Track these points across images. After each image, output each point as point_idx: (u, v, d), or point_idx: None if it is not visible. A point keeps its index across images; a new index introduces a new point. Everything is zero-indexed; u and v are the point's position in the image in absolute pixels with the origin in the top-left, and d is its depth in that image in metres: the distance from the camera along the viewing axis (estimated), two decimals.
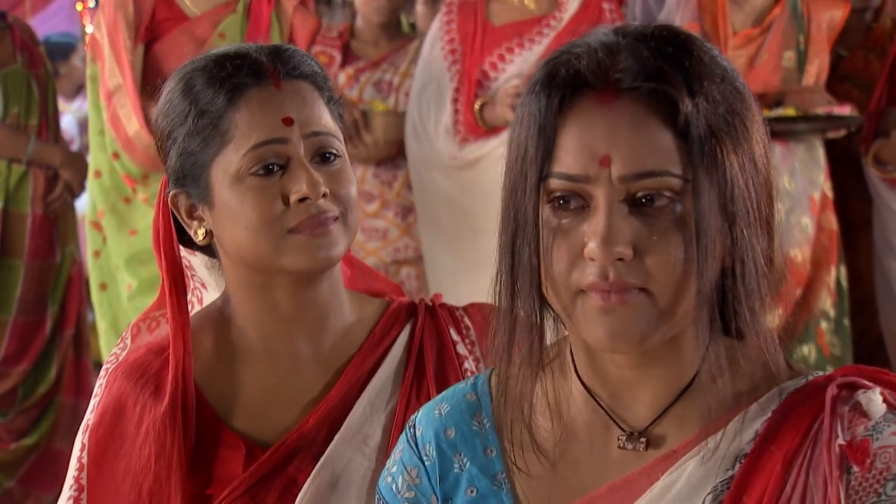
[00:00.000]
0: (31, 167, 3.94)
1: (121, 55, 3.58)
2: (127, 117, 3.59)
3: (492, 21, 3.78)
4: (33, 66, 4.00)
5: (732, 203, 1.10)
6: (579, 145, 1.09)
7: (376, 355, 1.59)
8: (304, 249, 1.49)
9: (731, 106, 1.10)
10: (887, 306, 4.03)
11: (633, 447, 1.17)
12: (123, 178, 3.68)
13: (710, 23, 3.71)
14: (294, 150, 1.49)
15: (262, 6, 3.76)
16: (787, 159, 3.74)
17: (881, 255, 4.01)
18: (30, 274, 3.95)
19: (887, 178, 3.90)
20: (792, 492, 1.09)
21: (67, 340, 4.06)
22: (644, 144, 1.08)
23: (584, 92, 1.10)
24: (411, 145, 3.81)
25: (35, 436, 3.99)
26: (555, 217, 1.11)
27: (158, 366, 1.56)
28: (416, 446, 1.29)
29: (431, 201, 3.79)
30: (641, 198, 1.09)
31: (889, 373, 1.15)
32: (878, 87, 3.94)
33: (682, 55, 1.09)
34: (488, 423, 1.27)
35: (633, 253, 1.08)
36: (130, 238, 3.65)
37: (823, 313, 3.81)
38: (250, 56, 1.51)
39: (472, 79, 3.71)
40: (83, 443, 1.56)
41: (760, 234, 1.13)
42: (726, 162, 1.09)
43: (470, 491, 1.25)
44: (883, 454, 1.08)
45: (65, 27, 7.44)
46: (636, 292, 1.09)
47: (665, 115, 1.08)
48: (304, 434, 1.53)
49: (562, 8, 3.75)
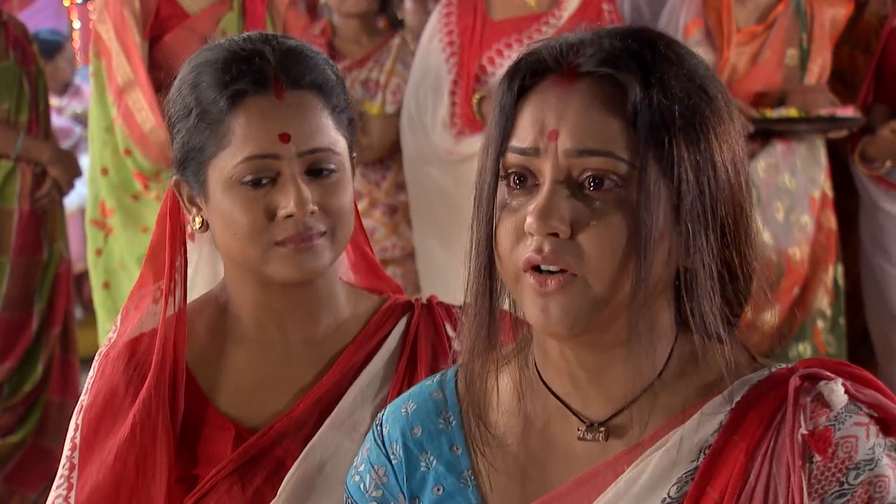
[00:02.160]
0: (20, 163, 3.93)
1: (132, 51, 3.59)
2: (141, 113, 3.60)
3: (491, 16, 3.80)
4: (25, 62, 4.00)
5: (679, 199, 1.11)
6: (532, 120, 1.14)
7: (370, 346, 1.60)
8: (288, 261, 1.50)
9: (692, 104, 1.12)
10: (873, 302, 4.07)
11: (593, 437, 1.18)
12: (134, 174, 3.69)
13: (714, 19, 3.73)
14: (286, 167, 1.49)
15: (255, 4, 3.78)
16: (788, 158, 3.77)
17: (868, 251, 4.04)
18: (16, 270, 3.94)
19: (873, 174, 3.94)
20: (756, 481, 1.11)
21: (54, 338, 4.05)
22: (593, 124, 1.11)
23: (545, 76, 1.15)
24: (407, 138, 3.82)
25: (20, 433, 3.97)
26: (509, 196, 1.15)
27: (151, 349, 1.57)
28: (382, 445, 1.30)
29: (426, 195, 3.80)
30: (588, 180, 1.11)
31: (851, 365, 1.17)
32: (865, 84, 3.98)
33: (645, 49, 1.13)
34: (454, 421, 1.27)
35: (570, 231, 1.10)
36: (141, 235, 3.65)
37: (820, 312, 3.84)
38: (258, 61, 1.50)
39: (471, 72, 3.73)
40: (77, 423, 1.58)
41: (714, 237, 1.13)
42: (675, 156, 1.11)
43: (437, 489, 1.25)
44: (845, 444, 1.10)
45: (52, 23, 7.43)
46: (571, 278, 1.11)
47: (618, 102, 1.11)
48: (293, 418, 1.55)
49: (561, 6, 3.78)
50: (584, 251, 1.10)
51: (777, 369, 1.17)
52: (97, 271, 3.79)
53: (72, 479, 1.55)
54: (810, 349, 3.78)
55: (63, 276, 4.08)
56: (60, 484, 1.56)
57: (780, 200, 3.74)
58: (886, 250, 3.96)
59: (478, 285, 1.18)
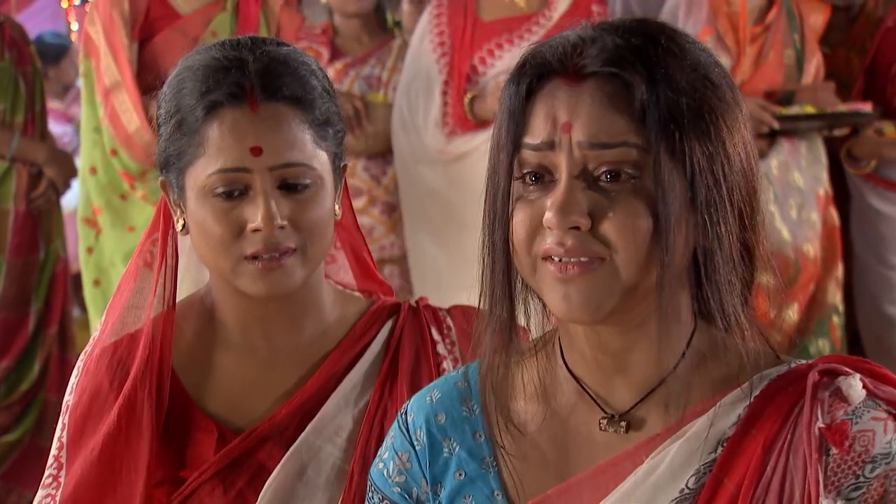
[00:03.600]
0: (15, 164, 3.94)
1: (119, 52, 3.60)
2: (126, 114, 3.60)
3: (481, 16, 3.80)
4: (22, 63, 4.00)
5: (693, 190, 1.12)
6: (544, 116, 1.15)
7: (354, 351, 1.60)
8: (257, 278, 1.49)
9: (699, 96, 1.13)
10: (863, 301, 4.08)
11: (614, 430, 1.19)
12: (121, 174, 3.69)
13: (725, 25, 3.74)
14: (257, 181, 1.47)
15: (249, 4, 3.78)
16: (794, 156, 3.79)
17: (859, 250, 4.06)
18: (12, 270, 3.94)
19: (861, 173, 3.96)
20: (773, 474, 1.12)
21: (51, 337, 4.05)
22: (604, 119, 1.12)
23: (551, 77, 1.16)
24: (399, 138, 3.81)
25: (18, 432, 3.98)
26: (524, 191, 1.16)
27: (134, 349, 1.57)
28: (407, 432, 1.32)
29: (418, 195, 3.79)
30: (605, 174, 1.12)
31: (871, 362, 1.17)
32: (856, 84, 4.00)
33: (648, 44, 1.13)
34: (477, 409, 1.29)
35: (591, 222, 1.12)
36: (128, 235, 3.66)
37: (834, 308, 3.86)
38: (234, 73, 1.49)
39: (462, 72, 3.73)
40: (63, 423, 1.58)
41: (732, 222, 1.14)
42: (687, 149, 1.12)
43: (459, 474, 1.27)
44: (862, 437, 1.11)
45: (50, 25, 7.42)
46: (598, 262, 1.12)
47: (626, 99, 1.12)
48: (276, 422, 1.55)
49: (551, 6, 3.78)
50: (610, 240, 1.12)
51: (796, 365, 1.18)
52: (88, 269, 3.79)
53: (59, 478, 1.55)
54: (828, 345, 3.79)
55: (60, 276, 4.09)
56: (49, 483, 1.56)
57: (793, 198, 3.76)
58: (876, 249, 3.98)
59: (498, 288, 1.20)
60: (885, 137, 3.85)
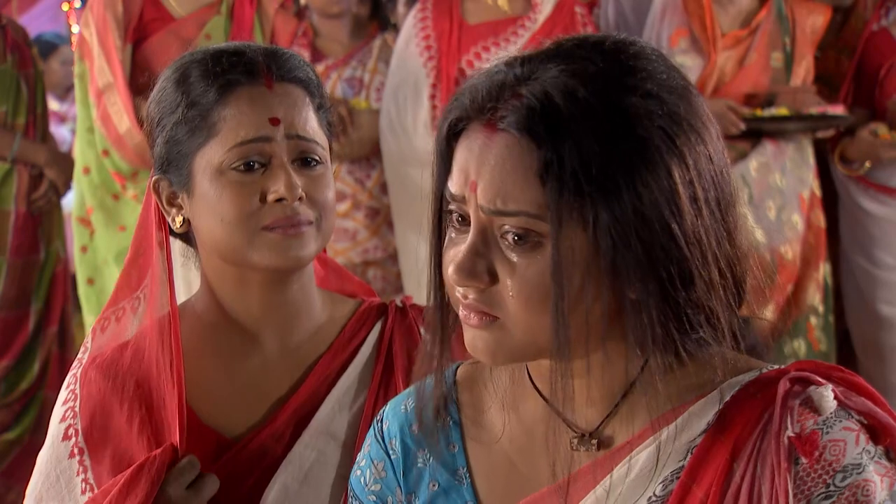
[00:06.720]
0: (16, 165, 3.95)
1: (111, 54, 3.61)
2: (118, 115, 3.62)
3: (467, 19, 3.80)
4: (24, 65, 4.02)
5: (601, 256, 1.09)
6: (460, 168, 1.14)
7: (346, 354, 1.62)
8: (275, 247, 1.50)
9: (614, 156, 1.07)
10: (853, 300, 4.07)
11: (586, 448, 1.20)
12: (113, 174, 3.71)
13: (698, 26, 3.75)
14: (277, 150, 1.51)
15: (244, 8, 3.80)
16: (778, 158, 3.78)
17: (848, 251, 4.05)
18: (12, 270, 3.96)
19: (853, 175, 3.95)
20: (741, 481, 1.11)
21: (51, 337, 4.07)
22: (507, 183, 1.10)
23: (471, 121, 1.14)
24: (387, 141, 3.81)
25: (17, 430, 3.99)
26: (451, 228, 1.17)
27: (128, 360, 1.58)
28: (382, 441, 1.33)
29: (408, 196, 3.78)
30: (511, 234, 1.11)
31: (845, 370, 1.16)
32: (844, 85, 4.00)
33: (567, 101, 1.08)
34: (451, 419, 1.29)
35: (489, 280, 1.12)
36: (119, 234, 3.68)
37: (813, 309, 3.85)
38: (246, 54, 1.54)
39: (451, 75, 3.72)
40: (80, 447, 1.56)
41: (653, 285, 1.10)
42: (590, 217, 1.08)
43: (432, 485, 1.28)
44: (832, 447, 1.10)
45: (50, 27, 7.40)
46: (492, 320, 1.13)
47: (535, 159, 1.09)
48: (273, 429, 1.56)
49: (536, 9, 3.79)
50: (504, 304, 1.12)
51: (767, 370, 1.17)
52: (82, 267, 3.81)
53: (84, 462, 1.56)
54: (804, 345, 3.79)
55: (60, 276, 4.10)
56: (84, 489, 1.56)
57: (772, 199, 3.75)
58: (865, 249, 3.97)
59: (433, 299, 1.22)
60: (879, 139, 3.85)
